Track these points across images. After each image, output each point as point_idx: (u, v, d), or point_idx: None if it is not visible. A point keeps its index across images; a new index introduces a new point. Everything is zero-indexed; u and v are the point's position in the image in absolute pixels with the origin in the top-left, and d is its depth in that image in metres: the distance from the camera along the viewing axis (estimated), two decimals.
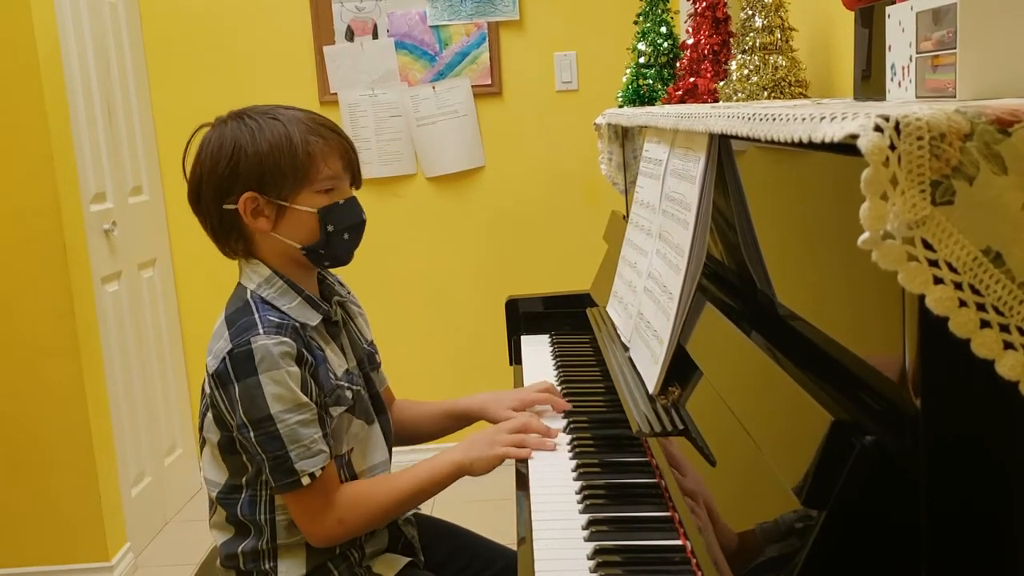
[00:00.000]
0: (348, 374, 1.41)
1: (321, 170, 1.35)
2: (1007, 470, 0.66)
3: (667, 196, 1.35)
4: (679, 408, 1.17)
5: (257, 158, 1.32)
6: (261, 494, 1.35)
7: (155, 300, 3.11)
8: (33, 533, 2.61)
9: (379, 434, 1.47)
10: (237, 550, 1.37)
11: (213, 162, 1.34)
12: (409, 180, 3.22)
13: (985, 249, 0.59)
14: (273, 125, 1.33)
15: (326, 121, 1.39)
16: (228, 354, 1.28)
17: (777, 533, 0.79)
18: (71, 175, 2.58)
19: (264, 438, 1.27)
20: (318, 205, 1.35)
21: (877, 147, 0.58)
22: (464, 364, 3.27)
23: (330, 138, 1.37)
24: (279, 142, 1.32)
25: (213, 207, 1.36)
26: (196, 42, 3.14)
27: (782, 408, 0.87)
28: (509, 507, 1.31)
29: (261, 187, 1.33)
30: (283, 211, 1.34)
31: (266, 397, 1.26)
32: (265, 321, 1.30)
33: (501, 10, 3.11)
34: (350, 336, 1.48)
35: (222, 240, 1.39)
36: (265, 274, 1.37)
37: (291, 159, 1.32)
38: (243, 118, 1.35)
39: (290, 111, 1.37)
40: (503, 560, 1.56)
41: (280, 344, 1.28)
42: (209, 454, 1.38)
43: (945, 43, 0.81)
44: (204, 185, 1.36)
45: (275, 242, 1.36)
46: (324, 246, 1.37)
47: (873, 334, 0.77)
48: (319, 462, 1.29)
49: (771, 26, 1.57)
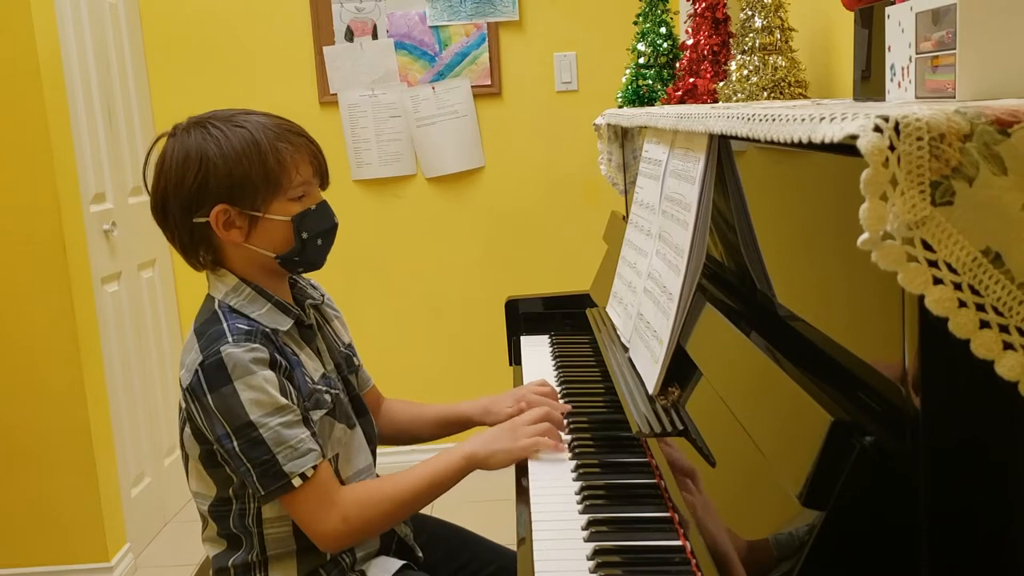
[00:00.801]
0: (325, 378, 1.38)
1: (293, 177, 1.31)
2: (1007, 470, 0.66)
3: (667, 197, 1.35)
4: (679, 408, 1.17)
5: (227, 169, 1.28)
6: (249, 507, 1.33)
7: (155, 300, 3.11)
8: (32, 533, 2.61)
9: (361, 438, 1.44)
10: (228, 563, 1.35)
11: (179, 175, 1.29)
12: (409, 181, 3.22)
13: (985, 250, 0.59)
14: (239, 133, 1.29)
15: (292, 125, 1.35)
16: (200, 366, 1.25)
17: (777, 533, 0.79)
18: (71, 175, 2.58)
19: (247, 445, 1.24)
20: (291, 213, 1.32)
21: (877, 148, 0.58)
22: (464, 364, 3.26)
23: (298, 143, 1.33)
24: (248, 151, 1.28)
25: (181, 221, 1.32)
26: (196, 42, 3.14)
27: (782, 408, 0.87)
28: (509, 507, 1.31)
29: (232, 199, 1.29)
30: (256, 221, 1.31)
31: (244, 404, 1.23)
32: (234, 329, 1.27)
33: (501, 10, 3.11)
34: (326, 340, 1.45)
35: (191, 254, 1.35)
36: (232, 283, 1.34)
37: (262, 168, 1.28)
38: (206, 126, 1.30)
39: (253, 116, 1.32)
40: (503, 560, 1.56)
41: (251, 351, 1.25)
42: (194, 469, 1.35)
43: (945, 44, 0.81)
44: (171, 199, 1.31)
45: (247, 252, 1.33)
46: (299, 253, 1.34)
47: (873, 335, 0.77)
48: (309, 461, 1.26)
49: (771, 27, 1.57)
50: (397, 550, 1.47)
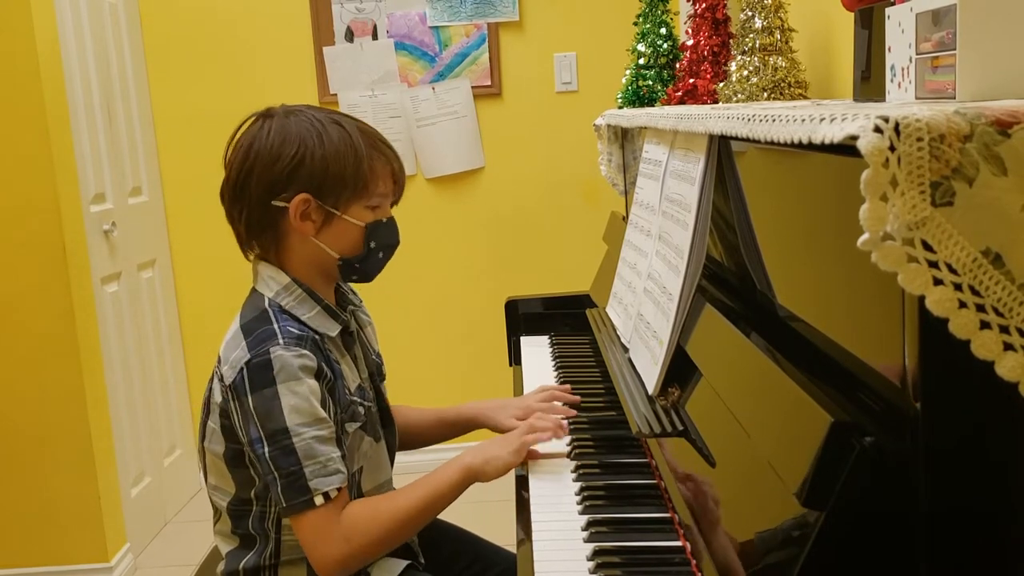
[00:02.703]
0: (360, 389, 1.38)
1: (378, 186, 1.33)
2: (1007, 471, 0.66)
3: (667, 197, 1.35)
4: (679, 409, 1.17)
5: (324, 162, 1.28)
6: (270, 510, 1.32)
7: (155, 301, 3.11)
8: (32, 533, 2.61)
9: (384, 452, 1.44)
10: (239, 566, 1.34)
11: (274, 154, 1.29)
12: (409, 181, 3.20)
13: (985, 250, 0.59)
14: (338, 131, 1.30)
15: (384, 138, 1.37)
16: (245, 364, 1.24)
17: (777, 534, 0.79)
18: (71, 175, 2.58)
19: (278, 453, 1.22)
20: (365, 219, 1.33)
21: (877, 148, 0.58)
22: (464, 365, 3.26)
23: (389, 155, 1.35)
24: (345, 150, 1.29)
25: (259, 200, 1.30)
26: (196, 43, 3.14)
27: (782, 409, 0.87)
28: (509, 508, 1.31)
29: (318, 191, 1.29)
30: (331, 219, 1.31)
31: (283, 408, 1.22)
32: (285, 332, 1.26)
33: (501, 11, 3.11)
34: (362, 347, 1.45)
35: (254, 236, 1.34)
36: (284, 281, 1.32)
37: (355, 170, 1.30)
38: (306, 115, 1.31)
39: (346, 119, 1.34)
40: (503, 562, 1.55)
41: (300, 357, 1.24)
42: (213, 464, 1.34)
43: (945, 44, 0.81)
44: (256, 176, 1.29)
45: (311, 248, 1.33)
46: (362, 260, 1.35)
47: (873, 335, 0.77)
48: (335, 482, 1.23)
49: (771, 27, 1.57)
50: (401, 552, 1.47)
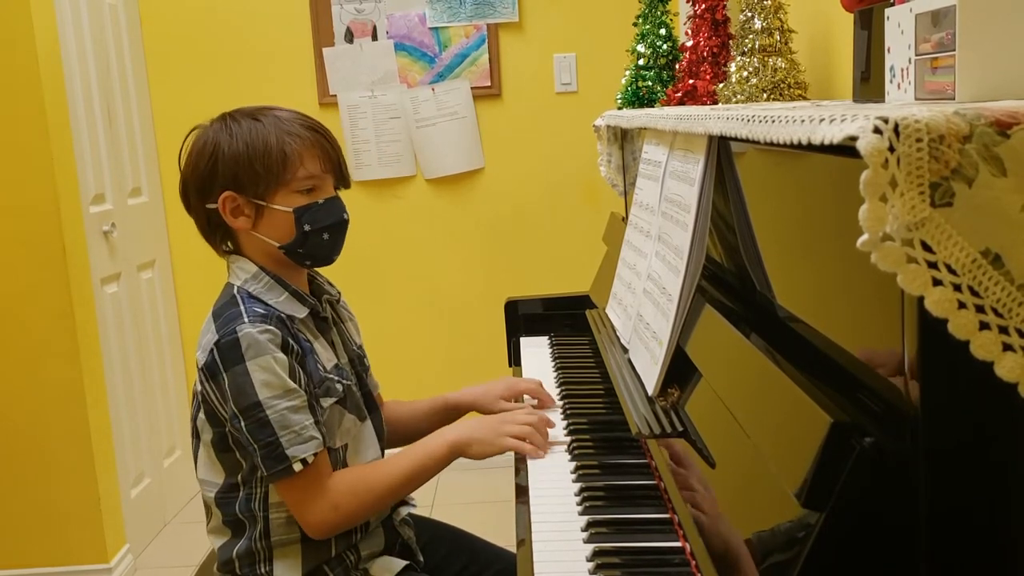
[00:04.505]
0: (338, 368, 1.43)
1: (298, 170, 1.36)
2: (1006, 471, 0.66)
3: (666, 198, 1.35)
4: (678, 410, 1.17)
5: (233, 158, 1.35)
6: (257, 491, 1.36)
7: (154, 301, 3.11)
8: (32, 534, 2.61)
9: (371, 432, 1.47)
10: (232, 554, 1.37)
11: (195, 162, 1.39)
12: (409, 182, 3.22)
13: (984, 251, 0.59)
14: (253, 126, 1.36)
15: (311, 122, 1.41)
16: (215, 345, 1.31)
17: (777, 534, 0.79)
18: (71, 176, 2.58)
19: (254, 426, 1.29)
20: (295, 204, 1.37)
21: (876, 149, 0.58)
22: (463, 366, 3.26)
23: (307, 137, 1.38)
24: (255, 142, 1.35)
25: (198, 207, 1.41)
26: (196, 43, 3.14)
27: (781, 410, 0.87)
28: (508, 509, 1.31)
29: (238, 186, 1.36)
30: (261, 210, 1.37)
31: (254, 384, 1.28)
32: (250, 312, 1.33)
33: (500, 12, 3.11)
34: (341, 336, 1.49)
35: (211, 239, 1.44)
36: (252, 270, 1.39)
37: (264, 159, 1.35)
38: (227, 119, 1.39)
39: (275, 111, 1.40)
40: (502, 562, 1.56)
41: (265, 332, 1.30)
42: (204, 455, 1.39)
43: (944, 45, 0.81)
44: (189, 185, 1.41)
45: (257, 241, 1.39)
46: (301, 245, 1.38)
47: (872, 336, 0.77)
48: (311, 448, 1.30)
49: (770, 28, 1.57)
50: (400, 551, 1.47)
